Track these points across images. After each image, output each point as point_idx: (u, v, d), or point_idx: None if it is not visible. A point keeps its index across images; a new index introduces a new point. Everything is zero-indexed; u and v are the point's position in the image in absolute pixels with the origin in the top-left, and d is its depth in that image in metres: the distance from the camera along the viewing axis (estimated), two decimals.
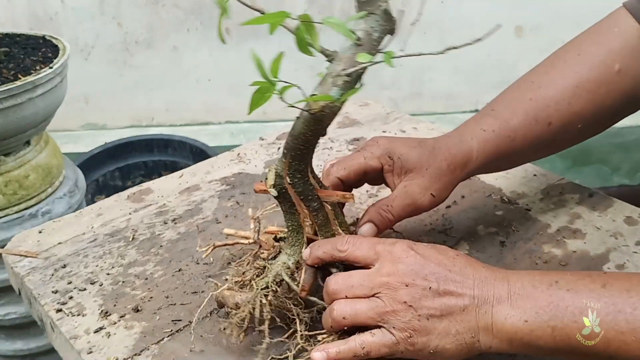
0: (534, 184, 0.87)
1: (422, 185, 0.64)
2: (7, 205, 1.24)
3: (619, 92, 0.71)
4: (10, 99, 1.13)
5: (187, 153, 1.94)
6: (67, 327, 0.65)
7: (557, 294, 0.51)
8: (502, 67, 2.33)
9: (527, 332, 0.50)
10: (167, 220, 0.82)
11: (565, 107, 0.70)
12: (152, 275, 0.72)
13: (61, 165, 1.37)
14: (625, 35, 0.71)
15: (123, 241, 0.78)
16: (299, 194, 0.57)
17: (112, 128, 2.42)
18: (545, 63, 0.74)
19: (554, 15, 2.25)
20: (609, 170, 2.35)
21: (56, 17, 2.21)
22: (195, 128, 2.41)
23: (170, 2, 2.23)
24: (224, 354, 0.60)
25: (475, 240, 0.76)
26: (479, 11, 2.29)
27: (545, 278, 0.53)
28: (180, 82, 2.37)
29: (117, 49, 2.29)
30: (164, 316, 0.66)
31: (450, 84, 2.44)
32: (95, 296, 0.69)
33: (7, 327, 1.37)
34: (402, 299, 0.51)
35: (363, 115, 1.10)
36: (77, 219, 0.84)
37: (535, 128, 0.69)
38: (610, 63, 0.70)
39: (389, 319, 0.52)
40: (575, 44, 0.74)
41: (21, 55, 1.28)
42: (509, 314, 0.51)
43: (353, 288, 0.54)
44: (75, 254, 0.76)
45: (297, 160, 0.55)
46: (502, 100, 0.72)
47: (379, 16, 0.50)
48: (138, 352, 0.61)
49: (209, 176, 0.93)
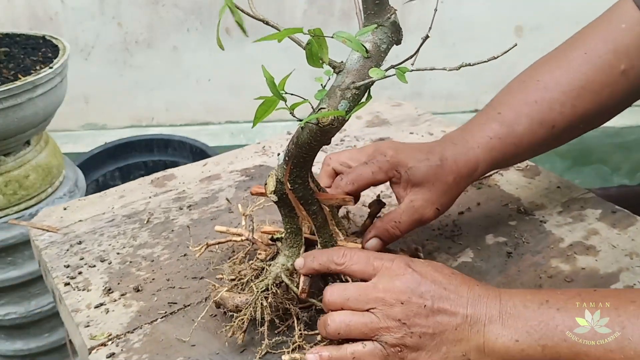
0: (556, 196, 0.84)
1: (429, 200, 0.64)
2: (7, 205, 1.24)
3: (622, 92, 0.71)
4: (10, 99, 1.13)
5: (187, 153, 1.94)
6: (71, 300, 0.69)
7: (548, 313, 0.51)
8: (502, 67, 2.32)
9: (518, 351, 0.51)
10: (183, 206, 0.85)
11: (570, 109, 0.70)
12: (159, 258, 0.75)
13: (61, 165, 1.37)
14: (632, 33, 0.70)
15: (138, 223, 0.82)
16: (299, 199, 0.58)
17: (112, 128, 2.42)
18: (551, 61, 0.73)
19: (554, 15, 2.25)
20: (609, 170, 2.35)
21: (56, 17, 2.21)
22: (195, 128, 2.41)
23: (170, 2, 2.23)
24: (210, 339, 0.62)
25: (482, 249, 0.75)
26: (479, 11, 2.29)
27: (536, 297, 0.53)
28: (180, 82, 2.37)
29: (117, 49, 2.29)
30: (162, 298, 0.68)
31: (450, 84, 2.44)
32: (103, 273, 0.73)
33: (7, 327, 1.37)
34: (396, 317, 0.52)
35: (393, 115, 1.10)
36: (100, 199, 0.89)
37: (539, 132, 0.69)
38: (616, 63, 0.69)
39: (381, 335, 0.52)
40: (582, 40, 0.72)
41: (21, 55, 1.28)
42: (500, 333, 0.51)
43: (349, 301, 0.54)
44: (92, 232, 0.81)
45: (298, 168, 0.55)
46: (507, 102, 0.71)
47: (388, 28, 0.50)
48: (131, 330, 0.64)
49: (231, 166, 0.95)
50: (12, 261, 1.29)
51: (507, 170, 0.91)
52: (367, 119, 1.09)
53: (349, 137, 1.03)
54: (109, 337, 0.63)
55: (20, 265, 1.30)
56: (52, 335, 1.41)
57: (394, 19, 0.49)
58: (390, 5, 0.49)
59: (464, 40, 2.33)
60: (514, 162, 0.75)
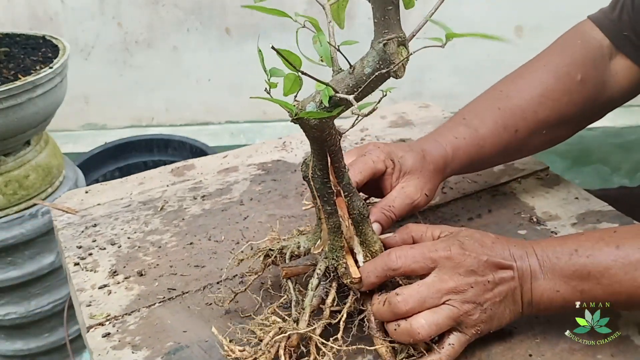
0: (572, 207, 0.82)
1: (417, 186, 0.69)
2: (7, 205, 1.24)
3: (580, 100, 0.77)
4: (10, 99, 1.13)
5: (187, 153, 1.94)
6: (78, 279, 0.72)
7: (578, 262, 0.57)
8: (502, 67, 2.32)
9: (561, 300, 0.57)
10: (197, 196, 0.87)
11: (532, 115, 0.75)
12: (166, 244, 0.78)
13: (61, 165, 1.37)
14: (587, 47, 0.78)
15: (152, 210, 0.85)
16: (317, 190, 0.57)
17: (112, 128, 2.42)
18: (514, 74, 0.80)
19: (554, 15, 2.24)
20: (609, 170, 2.35)
21: (56, 17, 2.21)
22: (195, 128, 2.41)
23: (170, 2, 2.23)
24: (202, 327, 0.64)
25: None
26: (479, 11, 2.29)
27: (565, 248, 0.58)
28: (180, 82, 2.37)
29: (117, 49, 2.29)
30: (163, 283, 0.71)
31: (450, 84, 2.44)
32: (111, 256, 0.76)
33: (7, 327, 1.37)
34: (470, 300, 0.56)
35: (419, 117, 1.08)
36: (121, 184, 0.92)
37: (503, 135, 0.75)
38: (573, 73, 0.76)
39: (462, 320, 0.56)
40: (542, 56, 0.80)
41: (21, 55, 1.28)
42: (545, 287, 0.57)
43: (426, 302, 0.56)
44: (107, 216, 0.84)
45: (315, 157, 0.55)
46: (473, 109, 0.77)
47: (376, 52, 0.46)
48: (129, 312, 0.67)
49: (249, 160, 0.97)
50: (12, 261, 1.29)
51: (526, 178, 0.88)
52: (392, 119, 1.07)
53: (370, 137, 1.02)
54: (107, 318, 0.66)
55: (20, 265, 1.30)
56: (52, 335, 1.41)
57: (387, 50, 0.45)
58: (396, 34, 0.45)
59: (464, 40, 2.33)
60: (482, 165, 0.79)
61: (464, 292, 0.56)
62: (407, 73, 0.47)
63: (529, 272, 0.58)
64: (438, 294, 0.56)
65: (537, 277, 0.57)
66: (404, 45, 0.46)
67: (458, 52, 2.32)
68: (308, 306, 0.58)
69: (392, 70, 0.46)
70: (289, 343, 0.56)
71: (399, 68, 0.46)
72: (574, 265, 0.57)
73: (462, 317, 0.56)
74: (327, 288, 0.60)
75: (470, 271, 0.56)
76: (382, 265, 0.58)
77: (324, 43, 0.47)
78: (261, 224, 0.80)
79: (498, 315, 0.57)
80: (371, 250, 0.61)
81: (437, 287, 0.56)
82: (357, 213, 0.60)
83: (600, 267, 0.56)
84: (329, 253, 0.60)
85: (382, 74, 0.47)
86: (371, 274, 0.58)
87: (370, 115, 0.46)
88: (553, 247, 0.59)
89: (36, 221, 1.27)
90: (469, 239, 0.59)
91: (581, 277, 0.57)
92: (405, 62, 0.46)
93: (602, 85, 0.79)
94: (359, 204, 0.60)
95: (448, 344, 0.57)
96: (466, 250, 0.57)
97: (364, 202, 0.61)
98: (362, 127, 1.05)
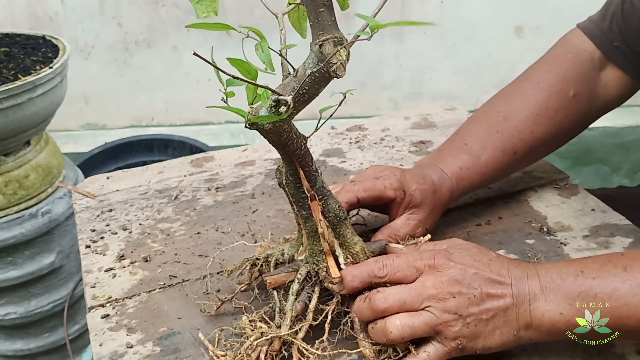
0: (586, 219, 0.79)
1: (421, 221, 0.71)
2: (7, 205, 1.24)
3: (574, 115, 0.79)
4: (10, 99, 1.13)
5: (187, 153, 1.93)
6: (87, 262, 0.75)
7: (585, 284, 0.55)
8: (502, 67, 2.33)
9: (564, 322, 0.55)
10: (212, 188, 0.89)
11: (529, 135, 0.77)
12: (175, 233, 0.80)
13: (61, 165, 1.37)
14: (578, 61, 0.79)
15: (167, 199, 0.87)
16: (292, 196, 0.58)
17: (112, 128, 2.42)
18: (508, 93, 0.81)
19: (554, 15, 2.25)
20: (609, 170, 2.35)
21: (56, 17, 2.21)
22: (195, 128, 2.41)
23: (170, 2, 2.23)
24: (196, 315, 0.66)
25: None
26: (479, 11, 2.29)
27: (570, 269, 0.56)
28: (180, 82, 2.37)
29: (117, 49, 2.29)
30: (165, 270, 0.73)
31: (450, 84, 2.43)
32: (121, 241, 0.78)
33: (7, 327, 1.37)
34: (451, 310, 0.55)
35: (443, 119, 1.06)
36: (141, 172, 0.95)
37: (502, 159, 0.77)
38: (566, 90, 0.78)
39: (441, 330, 0.55)
40: (534, 72, 0.81)
41: (21, 55, 1.28)
42: (545, 308, 0.55)
43: (405, 304, 0.56)
44: (124, 202, 0.87)
45: (284, 162, 0.57)
46: (474, 133, 0.78)
47: (315, 54, 0.47)
48: (129, 296, 0.69)
49: (267, 154, 0.98)
50: (12, 261, 1.29)
51: (543, 187, 0.86)
52: (414, 121, 1.06)
53: (390, 137, 1.01)
54: (108, 300, 0.68)
55: (20, 265, 1.30)
56: (52, 335, 1.41)
57: (323, 50, 0.46)
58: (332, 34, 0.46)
59: (464, 40, 2.33)
60: (480, 188, 0.80)
61: (444, 301, 0.55)
62: (407, 73, 0.47)
63: (527, 293, 0.56)
64: (418, 297, 0.55)
65: (536, 298, 0.55)
66: (342, 45, 0.47)
67: (458, 52, 2.32)
68: (289, 310, 0.58)
69: (331, 70, 0.47)
70: (271, 348, 0.56)
71: (338, 67, 0.47)
72: (580, 286, 0.55)
73: (440, 326, 0.55)
74: (310, 293, 0.60)
75: (454, 281, 0.55)
76: (368, 271, 0.58)
77: (266, 49, 0.48)
78: (268, 218, 0.82)
79: (485, 333, 0.55)
80: (352, 252, 0.61)
81: (419, 291, 0.56)
82: (333, 215, 0.59)
83: (607, 289, 0.54)
84: (309, 257, 0.60)
85: (323, 75, 0.47)
86: (356, 279, 0.58)
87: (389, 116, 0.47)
88: (558, 269, 0.57)
89: (36, 221, 1.27)
90: (462, 252, 0.58)
91: (587, 299, 0.54)
92: (345, 61, 0.47)
93: (594, 97, 0.80)
94: (334, 206, 0.59)
95: (424, 351, 0.56)
96: (452, 261, 0.57)
97: (340, 205, 0.60)
98: (383, 127, 1.04)
